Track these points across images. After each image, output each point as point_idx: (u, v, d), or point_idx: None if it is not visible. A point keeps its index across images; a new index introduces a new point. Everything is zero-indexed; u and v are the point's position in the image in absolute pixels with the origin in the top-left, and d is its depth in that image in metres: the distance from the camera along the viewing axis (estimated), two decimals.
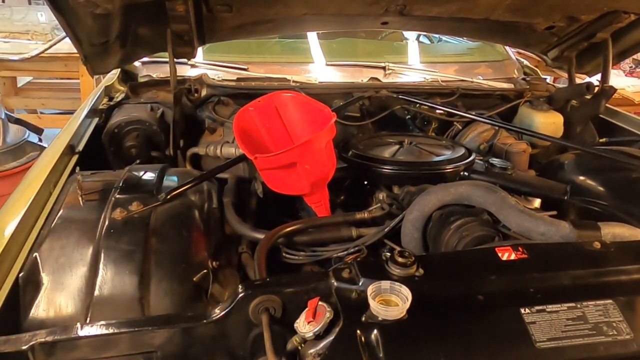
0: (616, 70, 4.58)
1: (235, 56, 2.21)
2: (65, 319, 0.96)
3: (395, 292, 0.81)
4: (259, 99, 1.50)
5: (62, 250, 1.06)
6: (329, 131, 1.31)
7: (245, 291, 0.85)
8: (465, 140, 1.99)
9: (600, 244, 0.98)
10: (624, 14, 1.70)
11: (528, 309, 0.82)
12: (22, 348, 0.78)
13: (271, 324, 0.83)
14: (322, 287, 0.87)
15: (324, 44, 2.41)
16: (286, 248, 1.27)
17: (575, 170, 1.60)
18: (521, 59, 2.64)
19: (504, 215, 1.14)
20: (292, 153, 1.23)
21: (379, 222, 1.34)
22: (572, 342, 0.78)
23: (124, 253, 1.05)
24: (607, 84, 1.96)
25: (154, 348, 0.83)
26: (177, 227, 1.15)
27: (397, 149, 1.61)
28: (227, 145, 1.66)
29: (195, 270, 1.08)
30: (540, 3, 1.67)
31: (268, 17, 1.63)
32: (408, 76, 2.31)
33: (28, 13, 4.73)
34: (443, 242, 1.18)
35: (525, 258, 0.94)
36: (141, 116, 1.76)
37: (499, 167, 1.51)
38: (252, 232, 1.28)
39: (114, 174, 1.35)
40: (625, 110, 2.20)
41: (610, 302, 0.85)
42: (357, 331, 0.78)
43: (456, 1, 1.60)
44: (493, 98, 2.20)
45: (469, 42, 2.75)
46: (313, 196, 1.39)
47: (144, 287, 1.01)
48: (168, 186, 1.28)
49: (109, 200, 1.18)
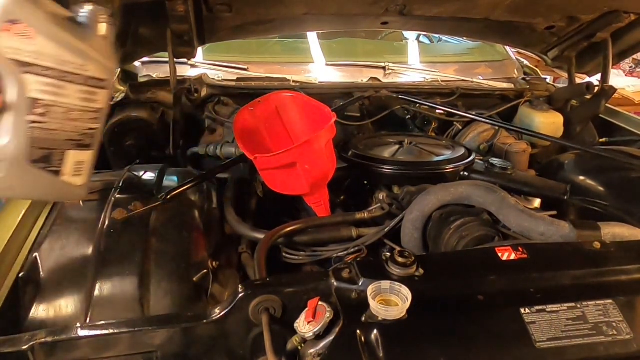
0: (616, 70, 4.58)
1: (235, 56, 2.21)
2: (65, 319, 0.97)
3: (395, 292, 0.81)
4: (259, 99, 1.50)
5: (62, 250, 1.06)
6: (328, 131, 1.31)
7: (245, 291, 0.85)
8: (465, 140, 1.99)
9: (600, 244, 0.98)
10: (624, 14, 1.70)
11: (528, 309, 0.82)
12: (22, 348, 0.78)
13: (271, 324, 0.83)
14: (322, 287, 0.87)
15: (324, 44, 2.41)
16: (286, 248, 1.27)
17: (575, 170, 1.60)
18: (521, 59, 2.64)
19: (504, 215, 1.14)
20: (292, 153, 1.24)
21: (379, 222, 1.34)
22: (572, 342, 0.78)
23: (124, 253, 1.05)
24: (607, 84, 1.96)
25: (154, 348, 0.83)
26: (177, 227, 1.15)
27: (397, 149, 1.61)
28: (227, 145, 1.66)
29: (195, 270, 1.08)
30: (540, 3, 1.67)
31: (268, 17, 1.63)
32: (408, 76, 2.31)
33: None
34: (443, 242, 1.18)
35: (525, 258, 0.94)
36: (141, 116, 1.76)
37: (499, 167, 1.51)
38: (252, 232, 1.28)
39: (114, 174, 1.35)
40: (625, 110, 2.20)
41: (610, 302, 0.85)
42: (357, 331, 0.78)
43: (456, 1, 1.60)
44: (493, 98, 2.20)
45: (469, 42, 2.75)
46: (313, 196, 1.39)
47: (144, 287, 1.01)
48: (168, 186, 1.28)
49: (109, 200, 1.19)
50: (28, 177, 0.87)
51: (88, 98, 0.92)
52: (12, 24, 0.77)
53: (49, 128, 0.87)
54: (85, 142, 0.94)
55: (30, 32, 0.80)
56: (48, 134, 0.87)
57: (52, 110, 0.86)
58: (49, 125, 0.87)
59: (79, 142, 0.93)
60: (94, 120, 0.95)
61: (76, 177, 0.95)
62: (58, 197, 0.99)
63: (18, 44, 0.79)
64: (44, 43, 0.82)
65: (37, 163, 0.87)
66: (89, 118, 0.94)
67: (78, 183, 0.95)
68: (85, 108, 0.92)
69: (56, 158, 0.90)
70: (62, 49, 0.85)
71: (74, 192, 0.96)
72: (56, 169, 0.90)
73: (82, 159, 0.95)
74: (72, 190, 0.95)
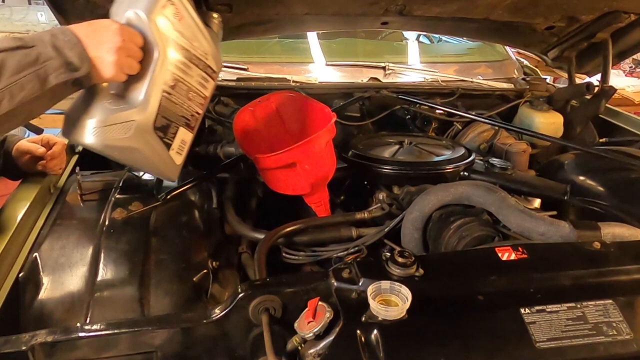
0: (616, 70, 4.57)
1: (235, 56, 2.21)
2: (65, 319, 0.97)
3: (395, 292, 0.81)
4: (259, 99, 1.50)
5: (62, 250, 1.06)
6: (328, 131, 1.31)
7: (245, 291, 0.85)
8: (465, 140, 1.99)
9: (600, 244, 0.98)
10: (624, 14, 1.70)
11: (528, 309, 0.82)
12: (22, 348, 0.78)
13: (271, 324, 0.83)
14: (322, 287, 0.87)
15: (324, 44, 2.41)
16: (286, 248, 1.27)
17: (575, 170, 1.60)
18: (521, 59, 2.64)
19: (504, 215, 1.14)
20: (292, 153, 1.24)
21: (379, 222, 1.34)
22: (572, 342, 0.78)
23: (124, 253, 1.06)
24: (607, 84, 1.96)
25: (153, 348, 0.83)
26: (177, 227, 1.16)
27: (397, 149, 1.61)
28: (227, 145, 1.66)
29: (195, 270, 1.08)
30: (540, 3, 1.67)
31: (268, 17, 1.63)
32: (408, 76, 2.30)
33: (28, 13, 4.71)
34: (443, 242, 1.18)
35: (525, 258, 0.94)
36: None
37: (499, 167, 1.51)
38: (252, 232, 1.28)
39: (114, 174, 1.35)
40: (625, 110, 2.20)
41: (610, 302, 0.85)
42: (357, 331, 0.78)
43: (456, 1, 1.60)
44: (493, 98, 2.20)
45: (469, 42, 2.75)
46: (313, 196, 1.39)
47: (143, 287, 1.01)
48: (168, 186, 1.28)
49: (109, 200, 1.19)
50: (147, 142, 0.95)
51: (202, 84, 1.03)
52: (170, 3, 0.91)
53: (173, 101, 0.97)
54: (192, 124, 1.04)
55: (180, 14, 0.93)
56: (171, 106, 0.97)
57: (178, 85, 0.97)
58: (174, 99, 0.97)
59: (188, 122, 1.02)
60: (201, 105, 1.05)
61: (178, 155, 1.03)
62: (159, 171, 1.03)
63: (170, 22, 0.92)
64: (185, 26, 0.95)
65: (157, 131, 0.95)
66: (198, 102, 1.04)
67: (177, 162, 1.03)
68: (199, 92, 1.03)
69: (171, 131, 0.99)
70: (196, 34, 0.98)
71: (173, 170, 1.03)
72: (169, 142, 0.99)
73: (186, 139, 1.03)
74: (172, 167, 1.03)
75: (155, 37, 0.90)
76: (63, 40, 0.80)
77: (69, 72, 0.80)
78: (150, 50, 0.90)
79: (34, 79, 0.77)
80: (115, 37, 0.84)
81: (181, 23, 0.94)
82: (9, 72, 0.75)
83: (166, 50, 0.92)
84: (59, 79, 0.79)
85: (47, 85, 0.78)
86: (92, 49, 0.83)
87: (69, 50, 0.80)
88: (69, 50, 0.80)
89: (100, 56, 0.83)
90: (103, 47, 0.83)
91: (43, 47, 0.78)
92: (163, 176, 1.11)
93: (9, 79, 0.75)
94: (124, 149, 0.91)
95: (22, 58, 0.76)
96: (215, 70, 1.06)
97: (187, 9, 0.95)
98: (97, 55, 0.83)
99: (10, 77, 0.75)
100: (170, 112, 0.97)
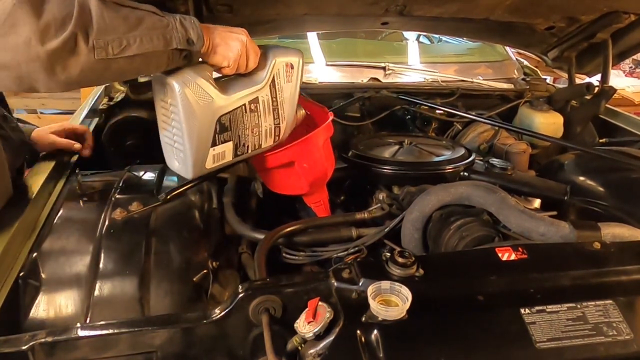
0: (616, 71, 4.57)
1: None
2: (65, 319, 0.96)
3: (395, 292, 0.81)
4: None
5: (62, 250, 1.06)
6: (326, 129, 1.31)
7: (245, 291, 0.85)
8: (465, 140, 1.99)
9: (600, 244, 0.98)
10: (624, 14, 1.70)
11: (528, 309, 0.82)
12: (22, 348, 0.78)
13: (271, 324, 0.83)
14: (322, 287, 0.87)
15: (324, 44, 2.41)
16: (286, 248, 1.27)
17: (575, 171, 1.60)
18: (521, 59, 2.64)
19: (504, 216, 1.14)
20: (290, 151, 1.24)
21: (379, 222, 1.34)
22: (572, 343, 0.78)
23: (124, 253, 1.05)
24: (607, 84, 1.96)
25: (154, 348, 0.83)
26: (177, 227, 1.15)
27: (397, 149, 1.61)
28: None
29: (195, 270, 1.08)
30: (540, 3, 1.67)
31: (268, 17, 1.63)
32: (408, 76, 2.31)
33: None
34: (443, 242, 1.18)
35: (525, 258, 0.94)
36: (141, 116, 1.76)
37: (499, 167, 1.51)
38: (252, 232, 1.28)
39: (114, 174, 1.35)
40: (625, 111, 2.20)
41: (610, 302, 0.85)
42: (357, 331, 0.78)
43: (456, 1, 1.60)
44: (493, 98, 2.20)
45: (469, 42, 2.75)
46: (313, 196, 1.39)
47: (144, 287, 1.01)
48: (168, 186, 1.28)
49: (109, 200, 1.19)
50: (204, 121, 1.09)
51: (266, 133, 1.21)
52: (291, 68, 1.19)
53: (243, 119, 1.15)
54: (238, 150, 1.19)
55: (290, 77, 1.19)
56: (239, 120, 1.14)
57: (253, 114, 1.16)
58: (245, 117, 1.15)
59: (237, 144, 1.18)
60: (253, 148, 1.21)
61: (211, 160, 1.15)
62: (189, 154, 1.12)
63: (280, 76, 1.17)
64: (287, 88, 1.20)
65: (218, 123, 1.11)
66: (254, 142, 1.20)
67: (207, 165, 1.16)
68: (260, 135, 1.20)
69: (224, 137, 1.14)
70: (289, 101, 1.22)
71: (197, 165, 1.14)
72: (215, 141, 1.13)
73: (226, 155, 1.18)
74: (200, 163, 1.14)
75: (269, 69, 1.14)
76: (189, 22, 1.00)
77: (187, 44, 0.99)
78: (260, 73, 1.14)
79: (161, 38, 0.95)
80: (244, 37, 1.08)
81: (286, 84, 1.18)
82: (145, 25, 0.94)
83: (269, 82, 1.15)
84: (180, 45, 0.98)
85: (169, 47, 0.97)
86: (218, 38, 1.05)
87: (191, 29, 1.00)
88: (191, 29, 1.00)
89: (223, 44, 1.06)
90: (231, 42, 1.07)
91: (174, 21, 0.98)
92: (186, 164, 1.15)
93: (144, 30, 0.93)
94: (189, 107, 1.05)
95: (157, 21, 0.96)
96: (280, 136, 1.23)
97: (298, 80, 1.20)
98: (221, 43, 1.06)
99: (146, 29, 0.93)
100: (235, 124, 1.13)
